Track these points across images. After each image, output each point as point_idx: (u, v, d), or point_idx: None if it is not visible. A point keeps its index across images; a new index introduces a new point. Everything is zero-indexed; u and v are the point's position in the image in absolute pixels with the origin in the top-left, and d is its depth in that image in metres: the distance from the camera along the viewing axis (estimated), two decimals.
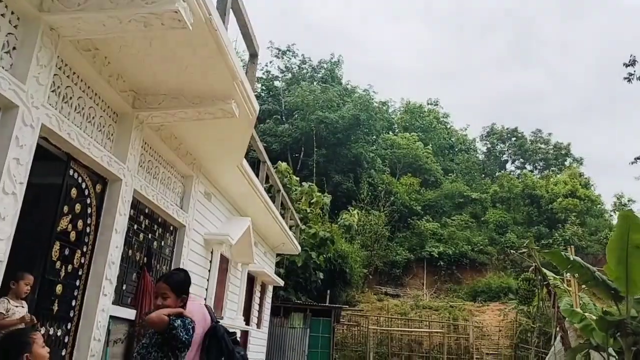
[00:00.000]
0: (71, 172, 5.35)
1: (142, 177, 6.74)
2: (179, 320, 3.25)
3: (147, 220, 7.13)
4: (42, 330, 5.01)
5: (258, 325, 13.85)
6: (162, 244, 7.66)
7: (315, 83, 41.23)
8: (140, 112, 6.23)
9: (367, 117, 37.37)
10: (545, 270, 10.18)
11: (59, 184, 5.28)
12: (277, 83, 42.63)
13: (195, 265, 8.75)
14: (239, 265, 11.46)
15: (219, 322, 4.45)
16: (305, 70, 43.59)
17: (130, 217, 6.48)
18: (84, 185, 5.60)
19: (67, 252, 5.32)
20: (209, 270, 9.41)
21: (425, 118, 51.38)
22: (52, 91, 4.90)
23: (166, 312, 3.26)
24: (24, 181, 4.36)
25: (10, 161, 4.16)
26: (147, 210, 7.12)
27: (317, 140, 35.60)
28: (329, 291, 20.51)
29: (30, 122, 4.38)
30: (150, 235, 7.23)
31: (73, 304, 5.49)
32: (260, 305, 14.13)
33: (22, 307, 4.65)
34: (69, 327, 5.43)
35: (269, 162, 11.64)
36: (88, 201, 5.69)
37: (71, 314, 5.46)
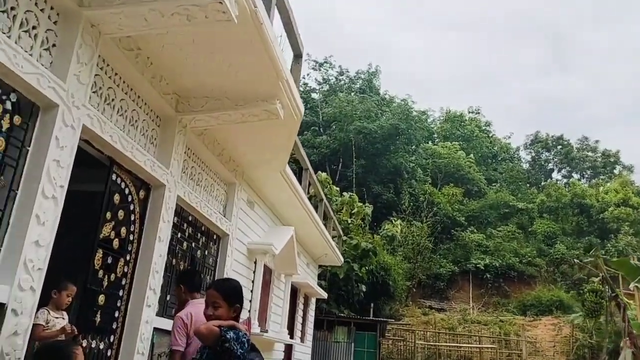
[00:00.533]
0: (114, 177, 5.14)
1: (186, 184, 6.51)
2: (231, 333, 2.86)
3: (190, 229, 6.89)
4: (84, 343, 4.77)
5: (302, 339, 13.47)
6: (206, 253, 7.41)
7: (352, 94, 40.99)
8: (184, 116, 6.00)
9: (407, 126, 36.79)
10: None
11: (102, 190, 5.07)
12: (314, 95, 42.60)
13: (239, 275, 8.46)
14: (282, 276, 11.14)
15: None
16: (342, 82, 43.45)
17: (174, 225, 6.24)
18: (127, 191, 5.38)
19: (109, 260, 5.09)
20: (253, 281, 9.11)
21: (466, 127, 50.36)
22: (94, 92, 4.70)
23: (217, 323, 2.91)
24: (64, 184, 4.15)
25: (50, 163, 3.95)
26: (190, 218, 6.88)
27: (355, 151, 35.24)
28: (372, 304, 19.95)
29: (70, 122, 4.17)
30: (194, 244, 6.98)
31: (116, 315, 5.25)
32: (304, 318, 13.75)
33: (63, 318, 4.43)
34: (111, 339, 5.19)
35: (311, 170, 11.34)
36: (131, 207, 5.47)
37: (114, 326, 5.22)
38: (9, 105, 3.78)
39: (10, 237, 3.75)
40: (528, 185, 48.80)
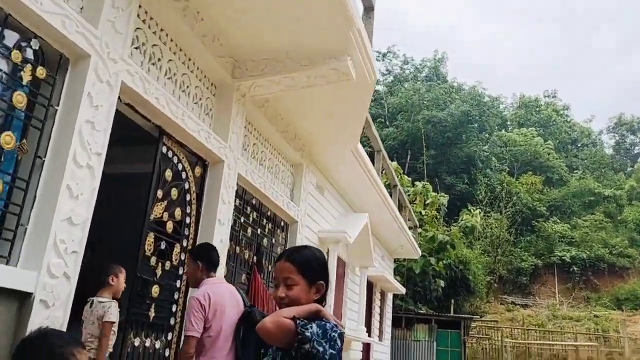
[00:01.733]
0: (164, 149, 4.46)
1: (247, 162, 5.77)
2: (314, 327, 1.80)
3: (254, 214, 6.15)
4: (136, 342, 4.11)
5: (380, 337, 12.53)
6: (273, 241, 6.66)
7: (418, 83, 39.49)
8: (242, 82, 5.26)
9: (479, 112, 34.96)
10: None
11: (150, 164, 4.40)
12: (378, 87, 41.38)
13: None
14: (357, 269, 10.26)
15: (255, 307, 3.61)
16: (407, 71, 42.01)
17: (236, 208, 5.52)
18: (180, 167, 4.70)
19: (163, 246, 4.42)
20: None
21: (542, 112, 47.46)
22: (135, 48, 4.03)
23: (290, 312, 1.86)
24: (101, 152, 3.47)
25: (82, 125, 3.28)
26: (254, 202, 6.15)
27: (425, 141, 33.80)
28: (453, 301, 18.67)
29: (106, 77, 3.49)
30: (259, 231, 6.24)
31: (173, 309, 4.56)
32: (381, 315, 12.81)
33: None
34: (169, 337, 4.51)
35: (384, 152, 10.38)
36: (186, 186, 4.78)
37: (172, 322, 4.54)
38: (29, 54, 3.13)
39: (37, 213, 3.10)
40: (613, 171, 45.20)
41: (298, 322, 1.81)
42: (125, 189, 5.67)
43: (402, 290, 13.41)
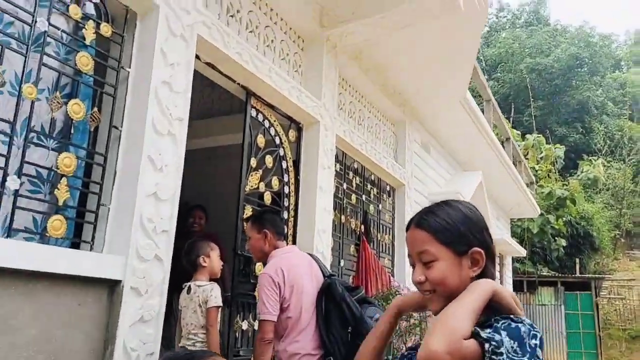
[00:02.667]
0: (253, 112, 3.99)
1: (345, 122, 5.19)
2: (502, 337, 1.09)
3: (357, 179, 5.59)
4: (244, 325, 3.73)
5: None
6: (380, 208, 6.06)
7: (517, 29, 36.49)
8: (331, 31, 4.65)
9: (590, 54, 31.65)
10: None
11: (240, 131, 3.95)
12: None
13: None
14: None
15: (334, 276, 2.95)
16: (504, 19, 38.98)
17: (337, 174, 4.99)
18: (272, 132, 4.22)
19: None
20: None
21: None
22: None
23: (457, 316, 1.12)
24: (183, 117, 3.05)
25: (158, 87, 2.86)
26: (356, 166, 5.57)
27: (530, 92, 31.27)
28: (578, 260, 17.09)
29: (180, 31, 3.04)
30: (364, 198, 5.67)
31: None
32: (501, 280, 11.85)
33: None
34: None
35: (494, 101, 9.33)
36: (281, 153, 4.31)
37: None
38: (90, 9, 2.74)
39: (119, 190, 2.74)
40: None
41: (481, 334, 1.10)
42: (216, 162, 5.36)
43: (523, 252, 12.31)
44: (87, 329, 2.51)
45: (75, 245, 2.61)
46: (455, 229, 1.30)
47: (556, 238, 18.39)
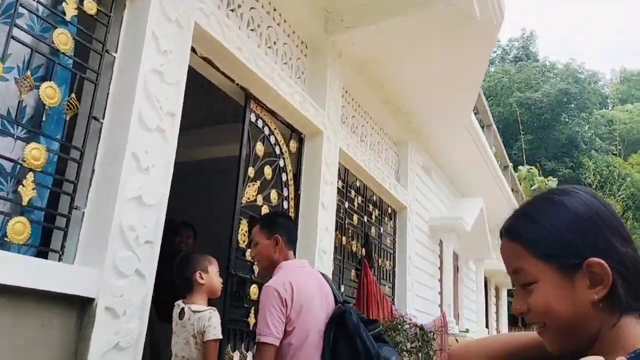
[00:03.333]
0: (252, 117, 3.61)
1: (348, 136, 4.84)
2: None
3: (359, 198, 5.21)
4: (235, 357, 3.27)
5: None
6: (382, 230, 5.67)
7: (507, 64, 36.94)
8: (337, 37, 4.35)
9: (579, 90, 31.98)
10: None
11: (234, 142, 3.58)
12: None
13: (423, 261, 6.61)
14: (471, 262, 9.03)
15: (349, 304, 2.45)
16: (494, 54, 39.39)
17: (339, 191, 4.60)
18: (272, 140, 3.84)
19: None
20: (440, 268, 7.19)
21: None
22: None
23: None
24: (175, 112, 2.66)
25: (147, 75, 2.48)
26: (358, 184, 5.20)
27: (519, 126, 31.41)
28: None
29: (175, 15, 2.68)
30: (366, 219, 5.28)
31: None
32: (497, 314, 11.42)
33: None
34: None
35: (494, 126, 9.08)
36: (281, 164, 3.92)
37: None
38: None
39: (96, 191, 2.33)
40: None
41: None
42: (206, 177, 4.94)
43: None
44: (51, 357, 2.06)
45: (41, 254, 2.18)
46: (557, 234, 0.89)
47: None
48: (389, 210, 5.96)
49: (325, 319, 2.27)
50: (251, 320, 3.42)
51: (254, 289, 3.45)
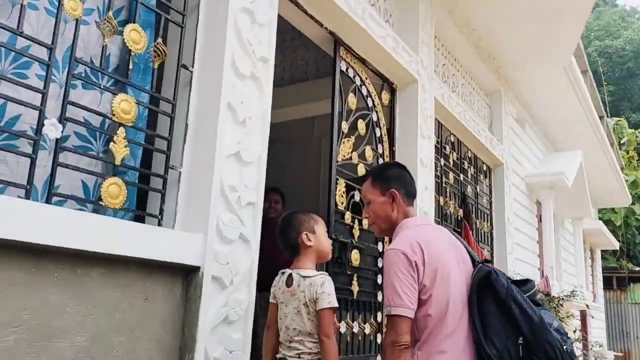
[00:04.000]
0: (343, 66, 3.25)
1: (441, 85, 4.38)
2: None
3: (454, 154, 4.76)
4: (342, 328, 2.99)
5: (594, 300, 10.42)
6: (478, 190, 5.21)
7: None
8: None
9: None
10: None
11: (324, 98, 3.24)
12: None
13: (522, 222, 6.08)
14: (567, 221, 8.37)
15: (490, 263, 2.06)
16: None
17: (435, 147, 4.18)
18: (365, 91, 3.47)
19: (357, 197, 3.24)
20: (539, 230, 6.63)
21: None
22: None
23: None
24: (269, 57, 2.35)
25: (237, 14, 2.17)
26: (452, 140, 4.75)
27: (600, 76, 29.20)
28: None
29: None
30: (462, 177, 4.84)
31: (379, 280, 3.39)
32: (592, 275, 10.66)
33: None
34: (378, 319, 3.35)
35: (590, 73, 8.24)
36: (374, 118, 3.55)
37: (379, 297, 3.37)
38: None
39: (191, 148, 2.07)
40: None
41: None
42: (302, 133, 4.65)
43: (616, 245, 11.06)
44: (157, 333, 1.84)
45: (138, 219, 1.95)
46: None
47: None
48: (484, 168, 5.47)
49: (467, 284, 1.91)
50: (354, 288, 3.13)
51: (355, 254, 3.15)
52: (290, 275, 1.99)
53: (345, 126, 3.21)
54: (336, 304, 1.96)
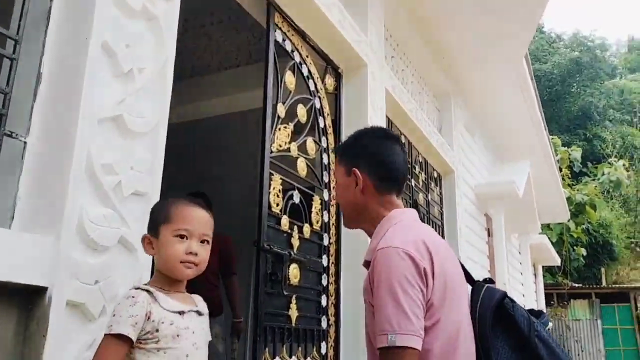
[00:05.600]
0: (278, 36, 2.63)
1: (391, 76, 3.84)
2: None
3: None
4: None
5: None
6: (429, 198, 4.70)
7: None
8: None
9: (590, 58, 30.87)
10: None
11: (253, 89, 2.60)
12: None
13: (473, 235, 5.64)
14: (514, 236, 8.08)
15: (493, 282, 1.46)
16: None
17: None
18: (305, 71, 2.86)
19: (296, 198, 2.60)
20: (488, 244, 6.24)
21: None
22: None
23: None
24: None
25: None
26: (403, 140, 4.22)
27: None
28: (603, 270, 15.82)
29: None
30: (413, 182, 4.31)
31: (323, 302, 2.75)
32: (536, 291, 10.49)
33: (197, 312, 1.27)
34: (322, 350, 2.70)
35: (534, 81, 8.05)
36: (317, 105, 2.94)
37: (323, 324, 2.72)
38: None
39: (44, 108, 1.37)
40: None
41: None
42: (235, 128, 3.98)
43: (558, 261, 10.98)
44: None
45: None
46: None
47: (574, 247, 17.14)
48: (435, 175, 4.99)
49: (468, 307, 1.30)
50: (292, 313, 2.47)
51: (294, 270, 2.49)
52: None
53: (281, 109, 2.58)
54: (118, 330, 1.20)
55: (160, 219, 1.25)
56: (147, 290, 1.19)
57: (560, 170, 19.67)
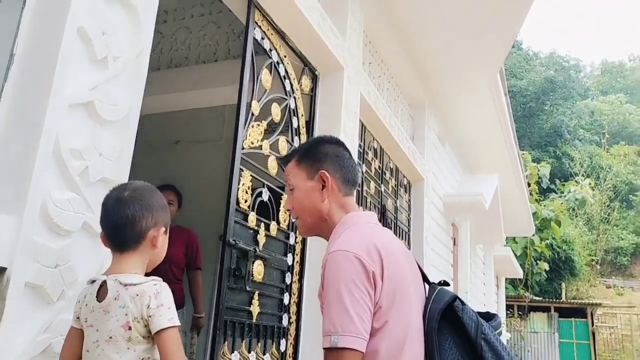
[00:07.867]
0: (257, 34, 2.65)
1: (367, 81, 3.90)
2: None
3: (377, 163, 4.30)
4: (234, 358, 2.33)
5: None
6: (398, 204, 4.78)
7: None
8: None
9: (564, 78, 31.67)
10: None
11: (238, 63, 2.62)
12: None
13: (439, 243, 5.74)
14: (479, 246, 8.24)
15: (447, 284, 1.46)
16: None
17: (357, 151, 3.68)
18: (282, 71, 2.89)
19: (265, 196, 2.63)
20: (453, 253, 6.35)
21: (628, 77, 43.16)
22: None
23: None
24: None
25: None
26: (375, 146, 4.29)
27: None
28: (563, 285, 16.24)
29: None
30: (383, 188, 4.38)
31: (286, 300, 2.78)
32: (498, 304, 10.70)
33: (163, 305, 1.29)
34: (282, 347, 2.73)
35: (508, 98, 8.23)
36: (292, 105, 2.98)
37: (284, 322, 2.75)
38: None
39: (13, 89, 1.37)
40: None
41: None
42: (200, 122, 3.98)
43: (520, 273, 11.23)
44: None
45: None
46: None
47: (538, 262, 17.55)
48: (405, 182, 5.07)
49: (421, 312, 1.34)
50: (254, 309, 2.49)
51: (258, 266, 2.52)
52: (103, 283, 1.24)
53: (256, 107, 2.60)
54: (178, 322, 1.26)
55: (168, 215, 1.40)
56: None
57: (529, 185, 20.15)
